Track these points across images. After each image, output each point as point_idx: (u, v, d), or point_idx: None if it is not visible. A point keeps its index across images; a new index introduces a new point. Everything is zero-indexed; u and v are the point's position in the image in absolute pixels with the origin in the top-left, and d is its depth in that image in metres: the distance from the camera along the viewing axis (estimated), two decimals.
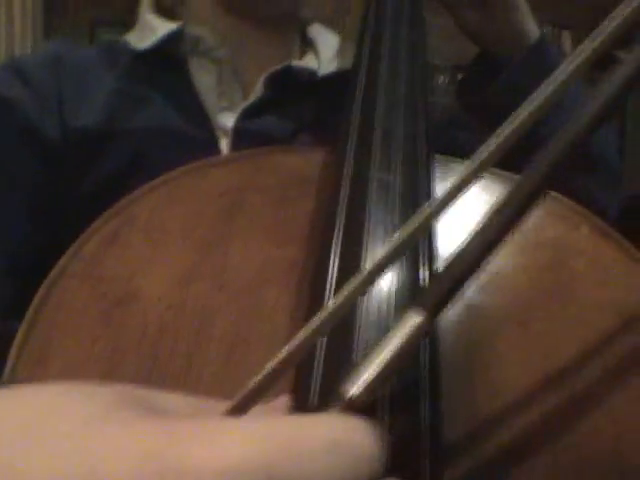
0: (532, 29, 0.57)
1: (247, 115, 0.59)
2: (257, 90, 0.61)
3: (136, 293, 0.36)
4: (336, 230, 0.39)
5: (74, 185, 0.58)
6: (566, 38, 4.60)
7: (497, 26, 0.57)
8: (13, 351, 0.35)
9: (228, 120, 0.60)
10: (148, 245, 0.41)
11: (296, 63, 0.63)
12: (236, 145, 0.58)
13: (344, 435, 0.18)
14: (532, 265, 0.43)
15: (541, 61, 0.56)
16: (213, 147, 0.58)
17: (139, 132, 0.58)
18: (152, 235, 0.42)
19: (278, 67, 0.61)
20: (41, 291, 0.39)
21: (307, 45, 0.70)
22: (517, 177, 0.27)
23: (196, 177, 0.45)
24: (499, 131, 0.26)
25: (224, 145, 0.59)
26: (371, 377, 0.21)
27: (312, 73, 0.63)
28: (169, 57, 0.61)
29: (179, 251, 0.41)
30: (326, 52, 0.67)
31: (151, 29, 0.63)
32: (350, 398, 0.21)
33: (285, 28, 0.66)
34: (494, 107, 0.55)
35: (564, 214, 0.47)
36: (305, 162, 0.46)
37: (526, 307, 0.41)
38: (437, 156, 0.48)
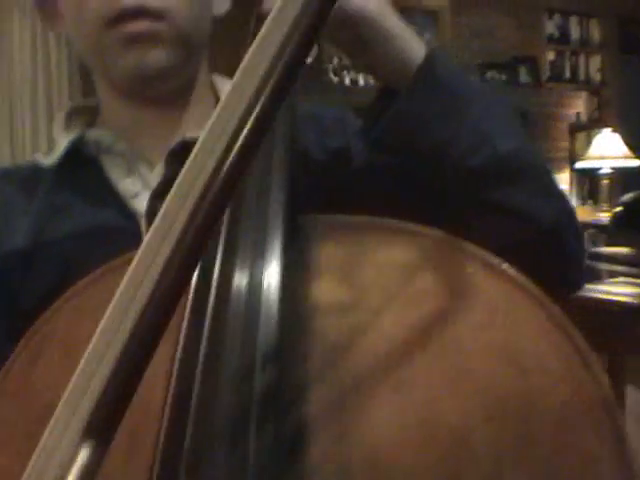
0: (416, 53, 0.53)
1: (157, 194, 0.61)
2: (160, 171, 0.63)
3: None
4: None
5: (11, 304, 0.61)
6: (594, 26, 4.55)
7: (378, 60, 0.55)
8: None
9: (142, 204, 0.62)
10: (68, 360, 0.40)
11: (191, 135, 0.62)
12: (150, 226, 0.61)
13: None
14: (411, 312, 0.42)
15: (429, 84, 0.53)
16: (136, 234, 0.60)
17: (66, 241, 0.62)
18: (70, 349, 0.43)
19: (175, 143, 0.62)
20: None
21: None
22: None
23: (99, 285, 0.47)
24: None
25: (144, 229, 0.61)
26: None
27: None
28: (81, 162, 0.65)
29: None
30: None
31: (57, 146, 0.67)
32: None
33: (183, 100, 0.67)
34: (394, 138, 0.55)
35: (447, 255, 0.45)
36: None
37: (400, 358, 0.40)
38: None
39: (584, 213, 4.32)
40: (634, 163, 4.01)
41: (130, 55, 0.60)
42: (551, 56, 4.33)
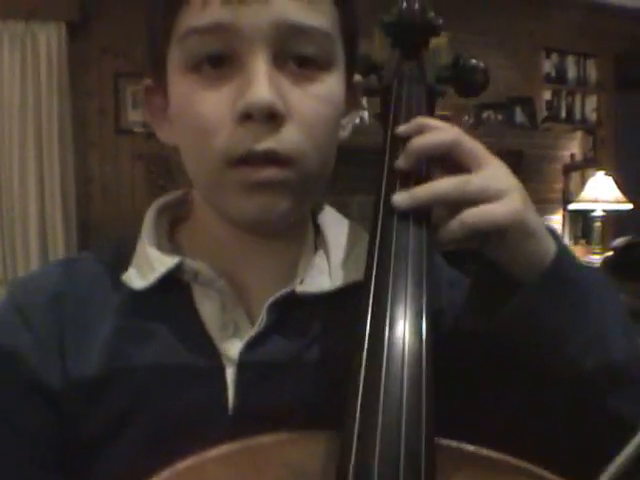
0: (548, 251, 0.52)
1: (252, 345, 0.57)
2: (261, 319, 0.58)
3: None
4: None
5: (74, 430, 0.55)
6: (591, 66, 4.55)
7: (512, 255, 0.52)
8: None
9: (234, 348, 0.57)
10: None
11: (301, 289, 0.58)
12: (241, 376, 0.56)
13: None
14: None
15: (556, 286, 0.51)
16: (218, 378, 0.56)
17: (140, 370, 0.56)
18: None
19: (281, 293, 0.58)
20: None
21: (318, 234, 0.66)
22: None
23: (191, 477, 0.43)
24: None
25: (229, 375, 0.56)
26: None
27: (317, 296, 0.59)
28: (171, 286, 0.59)
29: None
30: (337, 252, 0.63)
31: (149, 265, 0.59)
32: None
33: (291, 232, 0.63)
34: (502, 331, 0.52)
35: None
36: (308, 454, 0.43)
37: None
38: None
39: (577, 252, 4.31)
40: (627, 207, 4.00)
41: (253, 201, 0.54)
42: (547, 95, 4.32)
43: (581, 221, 4.34)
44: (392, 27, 0.70)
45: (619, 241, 3.70)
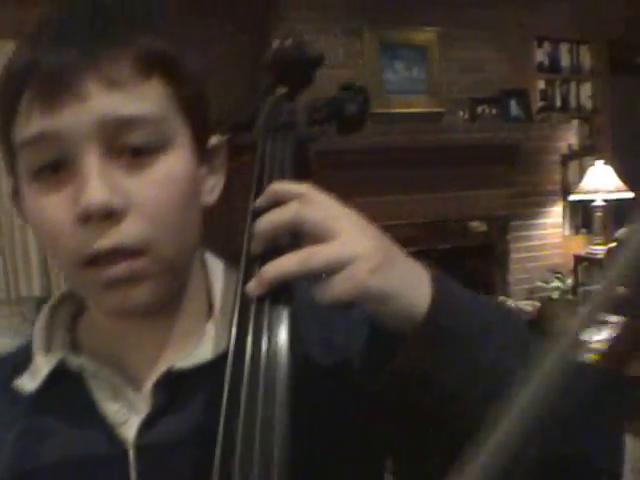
0: (418, 304, 0.49)
1: (146, 427, 0.58)
2: (147, 398, 0.58)
3: None
4: None
5: None
6: (584, 52, 4.51)
7: (377, 313, 0.50)
8: None
9: (130, 432, 0.58)
10: None
11: (179, 365, 0.58)
12: (140, 460, 0.57)
13: None
14: None
15: (431, 338, 0.49)
16: (122, 464, 0.57)
17: (47, 469, 0.58)
18: None
19: (161, 373, 0.58)
20: None
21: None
22: None
23: None
24: None
25: (131, 459, 0.57)
26: None
27: (199, 367, 0.58)
28: (66, 380, 0.60)
29: None
30: (224, 313, 0.61)
31: (36, 366, 0.61)
32: None
33: (173, 306, 0.62)
34: (398, 388, 0.50)
35: None
36: None
37: None
38: None
39: (578, 243, 4.29)
40: (628, 195, 3.98)
41: (110, 297, 0.55)
42: (541, 85, 4.29)
43: (581, 212, 4.31)
44: (270, 67, 0.70)
45: (622, 232, 3.68)
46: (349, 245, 0.48)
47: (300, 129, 0.65)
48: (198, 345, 0.60)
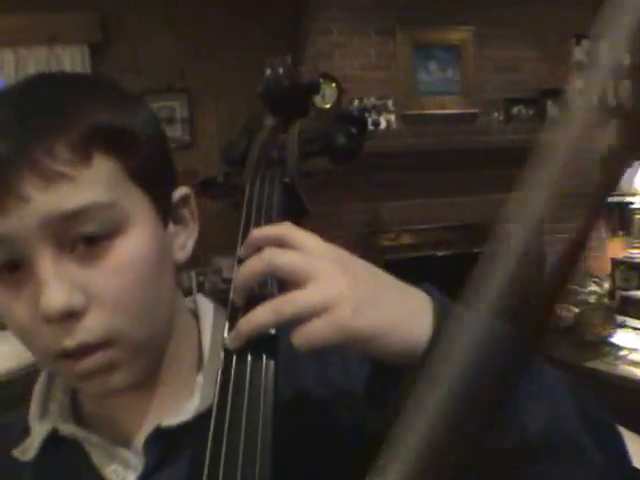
0: (417, 336, 0.47)
1: None
2: (140, 458, 0.58)
3: None
4: None
5: None
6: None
7: (372, 352, 0.47)
8: None
9: None
10: None
11: (166, 423, 0.57)
12: None
13: None
14: None
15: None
16: None
17: None
18: None
19: (149, 432, 0.58)
20: None
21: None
22: None
23: None
24: None
25: None
26: None
27: (186, 422, 0.58)
28: (64, 443, 0.60)
29: None
30: (211, 366, 0.60)
31: (32, 434, 0.62)
32: None
33: (160, 363, 0.61)
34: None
35: None
36: None
37: None
38: None
39: (615, 246, 4.19)
40: None
41: (88, 386, 0.56)
42: (580, 84, 4.19)
43: (619, 214, 4.21)
44: (263, 97, 0.68)
45: None
46: (326, 288, 0.45)
47: (290, 166, 0.63)
48: (188, 400, 0.60)
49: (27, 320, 0.52)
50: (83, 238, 0.51)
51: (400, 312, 0.48)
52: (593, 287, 3.87)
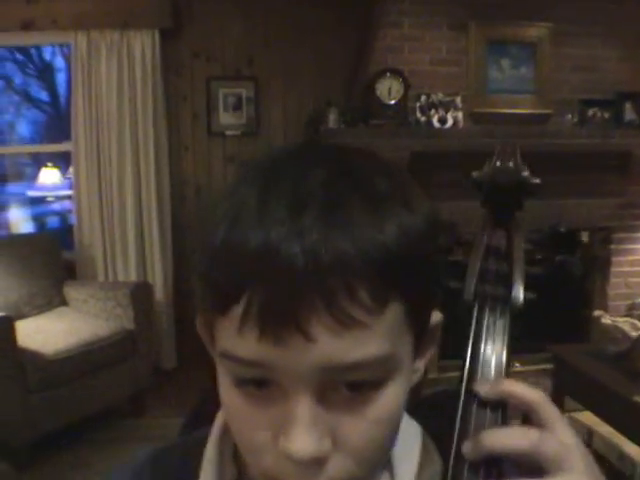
0: None
1: None
2: None
3: None
4: None
5: None
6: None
7: None
8: None
9: None
10: None
11: None
12: None
13: None
14: None
15: None
16: None
17: None
18: None
19: None
20: None
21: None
22: None
23: None
24: None
25: None
26: None
27: None
28: None
29: None
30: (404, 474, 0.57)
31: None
32: None
33: None
34: None
35: None
36: None
37: None
38: None
39: None
40: None
41: None
42: None
43: None
44: (482, 185, 0.60)
45: None
46: None
47: (514, 302, 0.54)
48: None
49: (261, 438, 0.48)
50: (349, 384, 0.46)
51: None
52: None
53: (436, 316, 0.53)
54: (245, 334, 0.44)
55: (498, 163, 0.60)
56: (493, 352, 0.52)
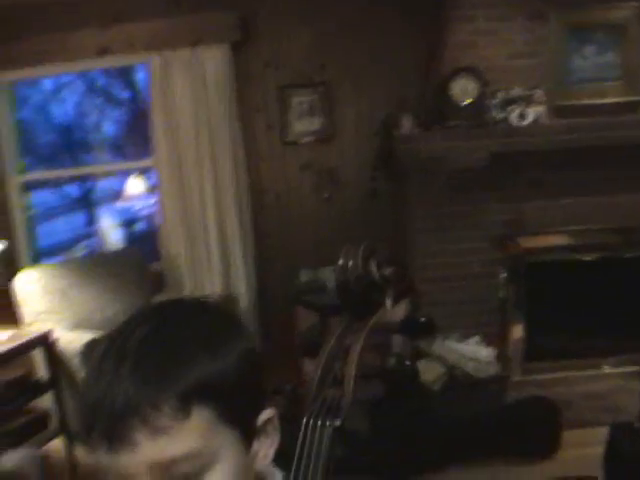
0: None
1: None
2: None
3: None
4: None
5: None
6: None
7: None
8: None
9: None
10: None
11: None
12: None
13: None
14: None
15: None
16: None
17: None
18: None
19: None
20: None
21: None
22: None
23: None
24: None
25: None
26: None
27: None
28: None
29: None
30: None
31: None
32: None
33: None
34: None
35: None
36: None
37: None
38: None
39: None
40: None
41: None
42: None
43: None
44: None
45: None
46: None
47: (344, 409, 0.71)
48: None
49: None
50: (181, 475, 0.61)
51: None
52: None
53: (266, 414, 0.70)
54: (99, 450, 0.61)
55: (340, 262, 0.65)
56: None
